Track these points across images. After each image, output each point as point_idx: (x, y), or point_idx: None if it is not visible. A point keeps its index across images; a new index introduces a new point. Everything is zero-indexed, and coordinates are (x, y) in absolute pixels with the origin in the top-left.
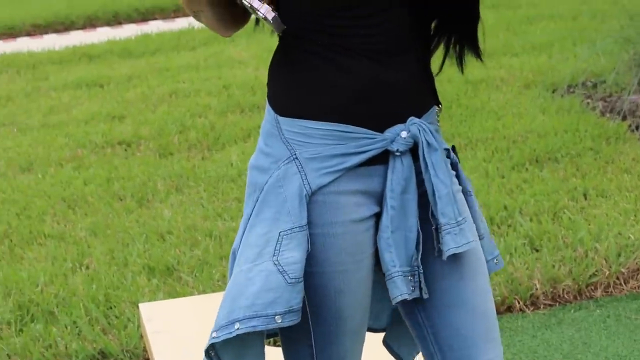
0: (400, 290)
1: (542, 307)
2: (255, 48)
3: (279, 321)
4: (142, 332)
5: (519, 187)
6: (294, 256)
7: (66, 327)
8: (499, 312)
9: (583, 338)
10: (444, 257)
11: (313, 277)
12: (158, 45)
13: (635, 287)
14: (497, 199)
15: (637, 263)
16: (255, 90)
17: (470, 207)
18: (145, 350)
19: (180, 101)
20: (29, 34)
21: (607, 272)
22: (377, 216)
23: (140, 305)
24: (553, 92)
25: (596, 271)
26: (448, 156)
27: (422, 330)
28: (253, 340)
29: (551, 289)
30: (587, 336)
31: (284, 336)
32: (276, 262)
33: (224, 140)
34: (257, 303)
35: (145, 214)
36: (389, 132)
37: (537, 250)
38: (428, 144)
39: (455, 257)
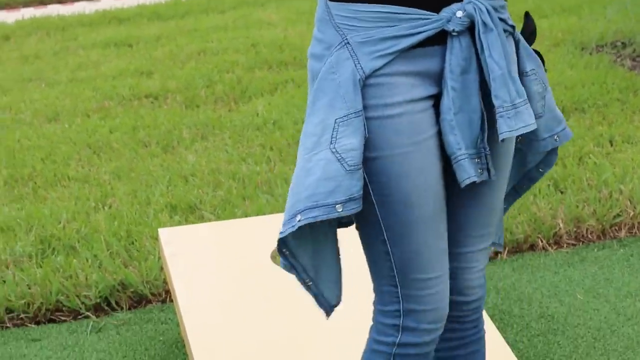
0: (468, 173)
1: (565, 246)
2: (285, 11)
3: (340, 210)
4: (161, 258)
5: None
6: (351, 143)
7: (87, 260)
8: (521, 250)
9: (605, 274)
10: (499, 140)
11: (373, 163)
12: (187, 8)
13: None
14: None
15: None
16: (283, 48)
17: (526, 86)
18: (165, 282)
19: (208, 58)
20: (59, 2)
21: (632, 213)
22: (436, 98)
23: (160, 230)
24: (582, 50)
25: (620, 212)
26: (512, 34)
27: None
28: (325, 236)
29: (575, 229)
30: (610, 273)
31: (361, 237)
32: (333, 150)
33: (250, 93)
34: (317, 193)
35: (170, 158)
36: (445, 12)
37: (561, 192)
38: (484, 23)
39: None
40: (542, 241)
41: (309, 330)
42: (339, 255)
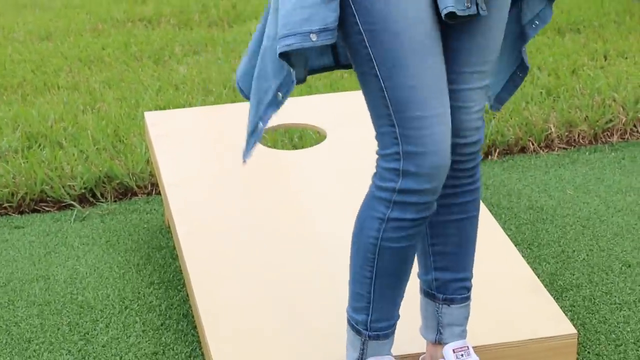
0: (446, 2)
1: (556, 149)
2: None
3: (314, 39)
4: (147, 143)
5: (538, 49)
6: None
7: (73, 155)
8: (512, 153)
9: (596, 174)
10: None
11: None
12: None
13: None
14: None
15: None
16: None
17: None
18: (151, 174)
19: None
20: None
21: (624, 119)
22: None
23: (146, 113)
24: None
25: (612, 117)
26: None
27: None
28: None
29: (566, 133)
30: (601, 173)
31: (358, 77)
32: None
33: (245, 17)
34: (291, 21)
35: (161, 70)
36: None
37: (554, 100)
38: None
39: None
40: (533, 144)
41: (294, 208)
42: None
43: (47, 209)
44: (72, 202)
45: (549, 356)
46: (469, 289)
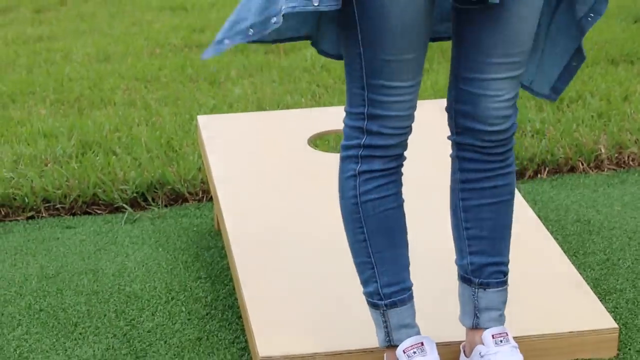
0: None
1: (605, 170)
2: None
3: (316, 4)
4: (199, 144)
5: (591, 77)
6: None
7: (126, 162)
8: (561, 172)
9: None
10: None
11: None
12: None
13: None
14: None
15: None
16: None
17: None
18: (203, 182)
19: None
20: None
21: None
22: None
23: (199, 116)
24: (634, 22)
25: None
26: None
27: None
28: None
29: (616, 154)
30: None
31: (341, 38)
32: None
33: (300, 46)
34: None
35: (216, 90)
36: None
37: (605, 124)
38: None
39: None
40: (582, 164)
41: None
42: None
43: (98, 212)
44: (123, 205)
45: (589, 350)
46: (505, 274)
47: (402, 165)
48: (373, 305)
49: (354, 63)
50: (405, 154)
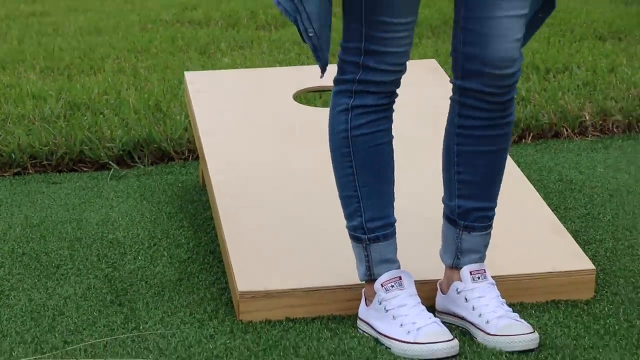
0: None
1: (590, 136)
2: None
3: None
4: (185, 100)
5: (579, 51)
6: None
7: (113, 121)
8: (545, 137)
9: (628, 157)
10: None
11: None
12: None
13: None
14: (554, 56)
15: None
16: None
17: None
18: (189, 141)
19: None
20: None
21: None
22: None
23: (186, 72)
24: (625, 5)
25: None
26: None
27: None
28: None
29: (600, 121)
30: (633, 157)
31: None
32: None
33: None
34: None
35: (206, 59)
36: None
37: (590, 93)
38: None
39: None
40: (567, 130)
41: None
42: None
43: (85, 169)
44: (109, 162)
45: (567, 291)
46: (490, 219)
47: (394, 102)
48: (356, 239)
49: None
50: (398, 91)
